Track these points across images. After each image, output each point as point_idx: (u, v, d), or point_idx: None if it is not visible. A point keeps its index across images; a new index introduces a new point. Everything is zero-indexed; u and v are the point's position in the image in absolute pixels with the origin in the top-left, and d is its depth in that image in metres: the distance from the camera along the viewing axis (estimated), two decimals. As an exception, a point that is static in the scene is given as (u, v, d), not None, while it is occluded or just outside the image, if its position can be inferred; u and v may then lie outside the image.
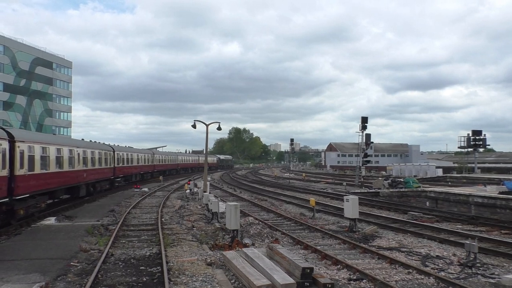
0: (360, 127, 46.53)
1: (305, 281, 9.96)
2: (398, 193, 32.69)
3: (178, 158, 80.00)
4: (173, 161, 75.16)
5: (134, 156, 47.25)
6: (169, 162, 71.55)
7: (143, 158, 52.63)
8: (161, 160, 65.50)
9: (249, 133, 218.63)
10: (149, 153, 58.52)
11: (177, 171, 78.54)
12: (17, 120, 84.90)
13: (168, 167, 70.66)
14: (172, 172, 74.59)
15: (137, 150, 52.61)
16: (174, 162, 75.49)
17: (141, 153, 52.22)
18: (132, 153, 47.32)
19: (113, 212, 24.26)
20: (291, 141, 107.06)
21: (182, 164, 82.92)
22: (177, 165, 78.39)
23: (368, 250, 14.43)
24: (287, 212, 25.64)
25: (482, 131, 58.74)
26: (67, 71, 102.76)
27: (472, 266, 12.13)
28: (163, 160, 67.09)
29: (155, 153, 62.87)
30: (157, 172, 61.30)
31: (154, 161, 59.09)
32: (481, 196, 24.26)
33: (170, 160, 72.15)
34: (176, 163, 77.28)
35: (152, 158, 58.04)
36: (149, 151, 61.79)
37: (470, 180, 45.69)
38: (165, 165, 68.57)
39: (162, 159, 65.91)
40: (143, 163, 52.11)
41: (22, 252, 13.57)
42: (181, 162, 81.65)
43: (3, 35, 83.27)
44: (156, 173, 60.64)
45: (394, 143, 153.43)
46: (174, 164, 75.96)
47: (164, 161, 67.25)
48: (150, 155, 57.41)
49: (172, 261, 12.50)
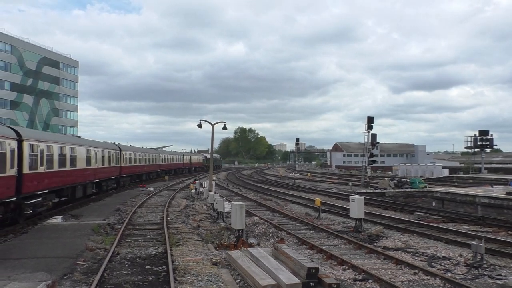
0: (366, 127, 46.38)
1: (311, 281, 9.93)
2: (404, 194, 32.56)
3: (160, 157, 61.00)
4: (155, 161, 57.52)
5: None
6: (144, 163, 50.59)
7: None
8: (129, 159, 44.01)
9: (255, 133, 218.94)
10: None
11: (158, 174, 60.40)
12: (24, 120, 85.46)
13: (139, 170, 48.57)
14: (151, 176, 56.98)
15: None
16: (155, 163, 57.97)
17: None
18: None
19: (119, 211, 24.35)
20: (296, 141, 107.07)
21: (165, 165, 64.36)
22: (159, 166, 60.68)
23: (374, 250, 14.38)
24: (293, 212, 25.61)
25: (489, 131, 58.31)
26: (74, 71, 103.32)
27: (479, 267, 12.05)
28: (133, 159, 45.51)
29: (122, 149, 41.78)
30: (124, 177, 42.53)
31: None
32: (488, 197, 24.09)
33: (146, 160, 52.00)
34: (158, 163, 59.43)
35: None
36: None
37: (477, 181, 45.41)
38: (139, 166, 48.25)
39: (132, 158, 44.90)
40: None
41: (29, 250, 13.66)
42: (163, 163, 63.38)
43: (10, 35, 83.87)
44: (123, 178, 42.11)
45: (400, 143, 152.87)
46: (156, 165, 58.50)
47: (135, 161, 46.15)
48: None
49: (178, 260, 12.53)
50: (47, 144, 21.33)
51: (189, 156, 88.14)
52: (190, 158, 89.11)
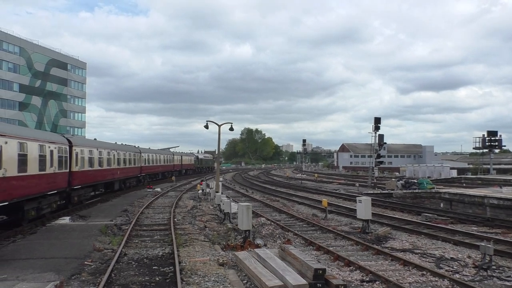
0: (373, 128, 46.14)
1: (318, 282, 9.90)
2: (411, 194, 32.36)
3: (142, 158, 45.19)
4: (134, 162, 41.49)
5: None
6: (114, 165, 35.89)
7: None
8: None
9: (261, 134, 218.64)
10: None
11: (138, 179, 44.48)
12: (33, 121, 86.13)
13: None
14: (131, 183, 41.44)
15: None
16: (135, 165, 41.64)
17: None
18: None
19: (126, 212, 24.45)
20: (303, 141, 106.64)
21: (145, 168, 46.93)
22: (141, 169, 44.75)
23: (381, 251, 14.31)
24: (299, 213, 25.56)
25: (497, 132, 57.71)
26: (82, 72, 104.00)
27: (488, 268, 11.95)
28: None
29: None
30: None
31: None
32: (496, 198, 23.88)
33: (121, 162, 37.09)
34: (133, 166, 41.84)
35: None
36: None
37: (486, 182, 44.98)
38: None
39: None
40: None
41: (37, 251, 13.76)
42: (144, 165, 46.33)
43: (19, 37, 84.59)
44: None
45: (408, 144, 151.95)
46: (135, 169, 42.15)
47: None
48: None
49: (185, 261, 12.55)
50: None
51: (179, 157, 71.70)
52: (181, 158, 72.47)
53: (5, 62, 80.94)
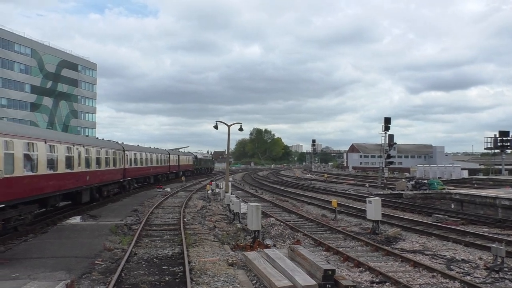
0: (383, 128, 45.87)
1: (327, 283, 9.87)
2: (422, 195, 32.11)
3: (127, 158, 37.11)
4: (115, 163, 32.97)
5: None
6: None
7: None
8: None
9: (271, 134, 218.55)
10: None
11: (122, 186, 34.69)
12: (44, 121, 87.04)
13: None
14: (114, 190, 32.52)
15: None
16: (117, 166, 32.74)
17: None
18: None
19: (136, 211, 24.59)
20: (313, 142, 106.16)
21: (131, 170, 36.38)
22: (123, 173, 34.44)
23: (391, 252, 14.22)
24: (309, 213, 25.50)
25: (509, 132, 57.08)
26: (92, 73, 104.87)
27: (499, 270, 11.82)
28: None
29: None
30: None
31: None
32: (508, 199, 23.60)
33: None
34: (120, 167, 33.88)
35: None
36: None
37: (497, 182, 44.48)
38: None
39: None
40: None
41: (49, 250, 13.89)
42: (130, 166, 35.98)
43: (30, 39, 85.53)
44: None
45: (418, 144, 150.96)
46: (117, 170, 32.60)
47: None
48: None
49: (194, 261, 12.59)
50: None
51: (176, 156, 61.52)
52: (178, 158, 62.61)
53: (17, 63, 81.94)
